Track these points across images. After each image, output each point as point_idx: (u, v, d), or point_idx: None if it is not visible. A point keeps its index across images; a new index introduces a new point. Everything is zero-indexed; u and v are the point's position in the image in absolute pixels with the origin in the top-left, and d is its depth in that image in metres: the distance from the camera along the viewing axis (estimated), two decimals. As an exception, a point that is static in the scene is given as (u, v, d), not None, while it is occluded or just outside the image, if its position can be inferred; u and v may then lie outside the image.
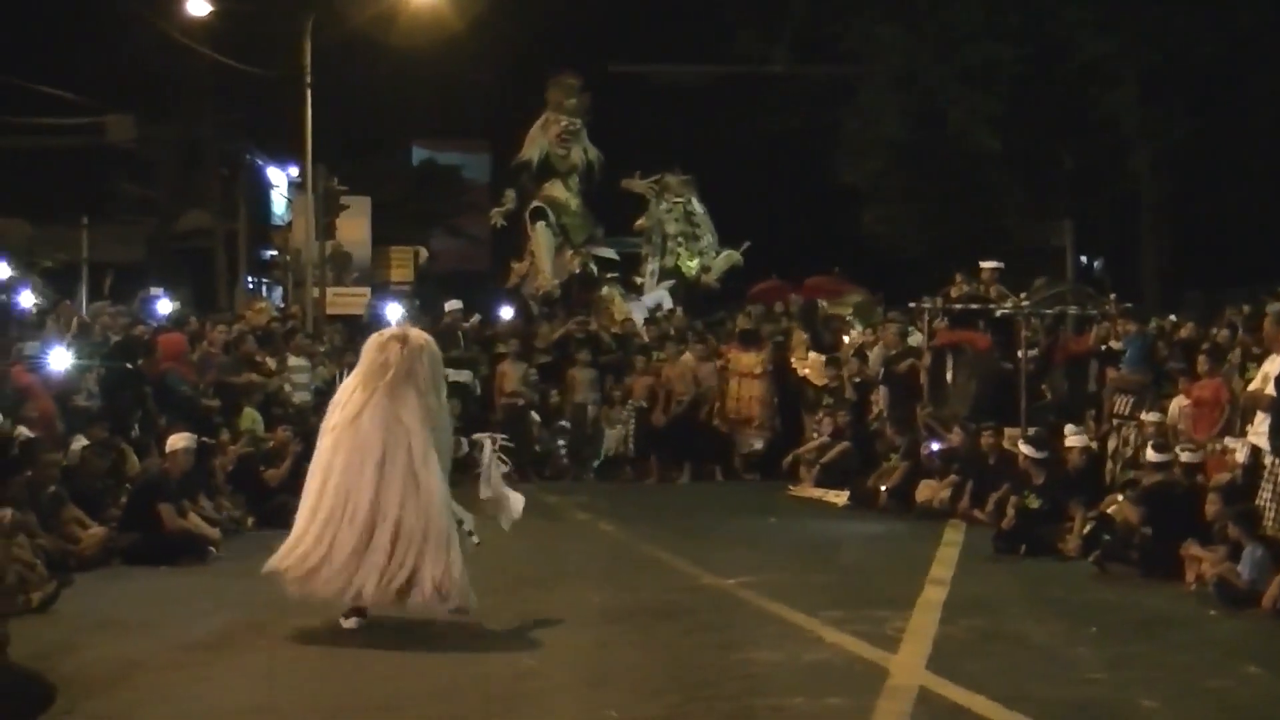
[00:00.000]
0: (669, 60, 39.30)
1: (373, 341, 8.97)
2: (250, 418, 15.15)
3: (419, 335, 9.10)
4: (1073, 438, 13.17)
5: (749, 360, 18.10)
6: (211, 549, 11.95)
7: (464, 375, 18.19)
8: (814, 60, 30.92)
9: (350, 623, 8.81)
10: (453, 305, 19.67)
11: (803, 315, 20.23)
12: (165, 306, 19.79)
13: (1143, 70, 24.03)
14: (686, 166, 25.43)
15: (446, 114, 41.25)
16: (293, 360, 16.73)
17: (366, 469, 8.50)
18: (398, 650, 8.41)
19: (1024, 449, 12.93)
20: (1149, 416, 13.39)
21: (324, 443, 8.79)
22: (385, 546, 8.41)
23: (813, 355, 18.26)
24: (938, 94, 25.36)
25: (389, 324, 23.92)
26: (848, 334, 19.55)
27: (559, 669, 8.03)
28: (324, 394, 16.86)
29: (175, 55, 27.72)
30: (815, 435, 17.30)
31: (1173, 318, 18.04)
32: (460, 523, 8.79)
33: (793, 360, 18.35)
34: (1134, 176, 25.47)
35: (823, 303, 21.16)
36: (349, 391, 8.85)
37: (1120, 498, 11.83)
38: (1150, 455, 11.77)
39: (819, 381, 17.90)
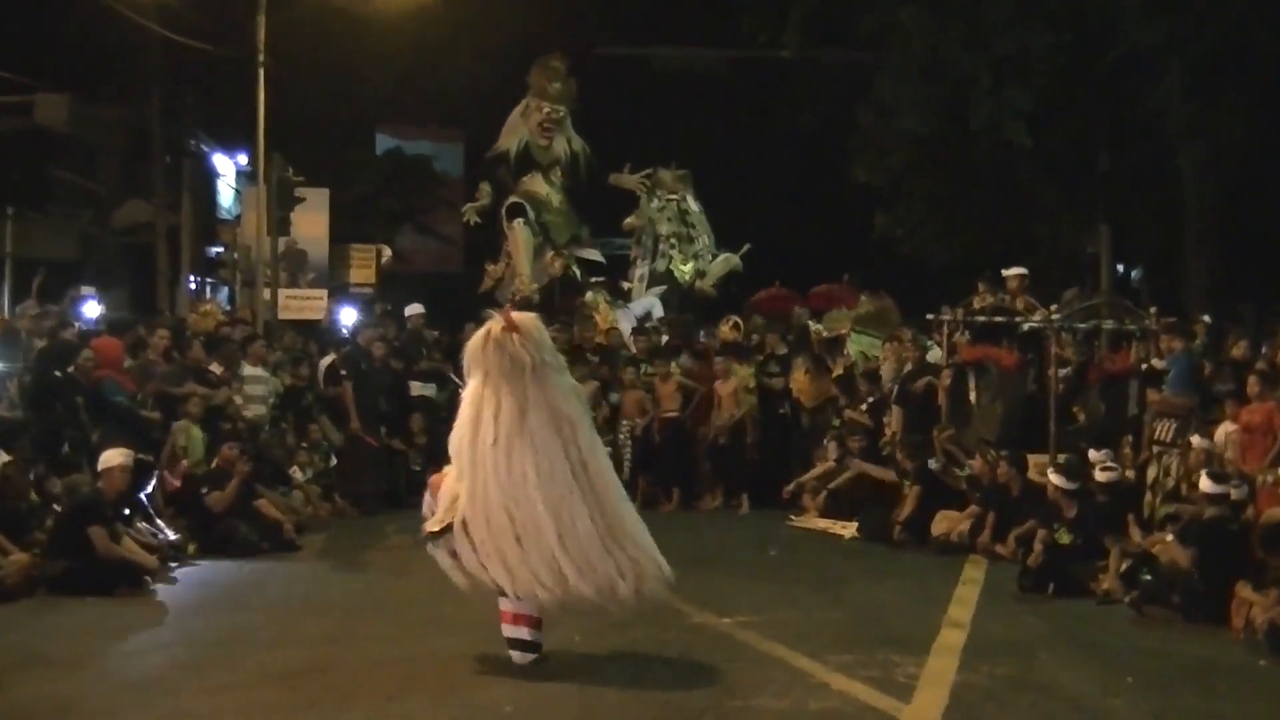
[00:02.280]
0: (664, 43, 39.37)
1: (481, 343, 8.95)
2: (186, 433, 15.10)
3: (524, 317, 9.19)
4: (1102, 469, 13.15)
5: (744, 374, 18.24)
6: (149, 578, 11.92)
7: (429, 389, 18.21)
8: (827, 46, 30.95)
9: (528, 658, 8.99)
10: (414, 310, 19.68)
11: (797, 339, 20.20)
12: (93, 309, 19.78)
13: (1191, 62, 24.06)
14: (682, 160, 25.43)
15: (416, 98, 41.28)
16: (249, 370, 16.66)
17: (558, 478, 8.66)
18: (359, 692, 8.42)
19: (1054, 479, 12.94)
20: (1197, 443, 13.39)
21: (484, 460, 8.74)
22: (616, 549, 8.72)
23: (799, 375, 18.38)
24: (964, 85, 25.35)
25: (343, 328, 24.16)
26: (844, 351, 19.56)
27: (541, 715, 8.05)
28: (279, 408, 16.95)
29: (118, 29, 27.69)
30: (820, 460, 17.37)
31: (1206, 317, 17.99)
32: None
33: (793, 384, 18.45)
34: (1179, 178, 25.50)
35: (816, 324, 21.17)
36: (490, 401, 8.82)
37: (1169, 537, 11.78)
38: (1205, 485, 11.59)
39: (809, 402, 18.02)
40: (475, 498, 8.72)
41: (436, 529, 8.84)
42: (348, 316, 28.16)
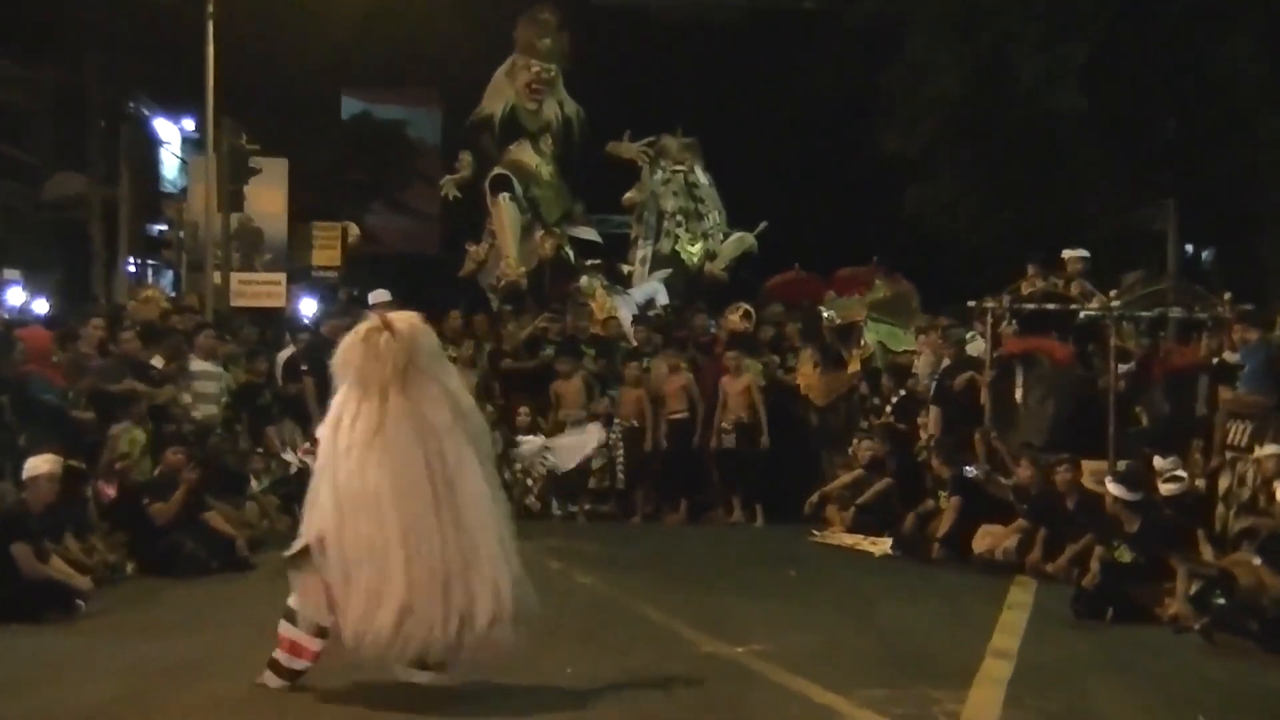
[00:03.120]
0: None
1: (351, 344, 9.03)
2: (131, 438, 15.07)
3: (405, 318, 9.22)
4: (1167, 480, 13.11)
5: (754, 370, 18.31)
6: (81, 602, 11.89)
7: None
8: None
9: (424, 676, 8.93)
10: (379, 296, 19.54)
11: (805, 328, 20.06)
12: (19, 296, 19.75)
13: (1269, 12, 24.06)
14: (689, 127, 25.43)
15: (387, 55, 41.20)
16: (197, 364, 16.64)
17: (414, 495, 8.67)
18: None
19: (1112, 488, 12.91)
20: (1266, 449, 13.34)
21: (339, 471, 8.82)
22: (440, 583, 8.62)
23: (806, 369, 18.41)
24: (1007, 41, 25.37)
25: (302, 320, 24.09)
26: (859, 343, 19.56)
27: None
28: (232, 407, 16.94)
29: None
30: (845, 467, 17.39)
31: None
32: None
33: (799, 380, 18.47)
34: (1255, 146, 25.50)
35: (830, 312, 21.09)
36: (349, 407, 8.92)
37: (1256, 560, 11.70)
38: (1285, 497, 11.70)
39: (820, 399, 18.04)
40: (329, 512, 8.79)
41: (294, 551, 8.95)
42: (306, 308, 28.14)
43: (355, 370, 8.94)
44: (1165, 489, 13.01)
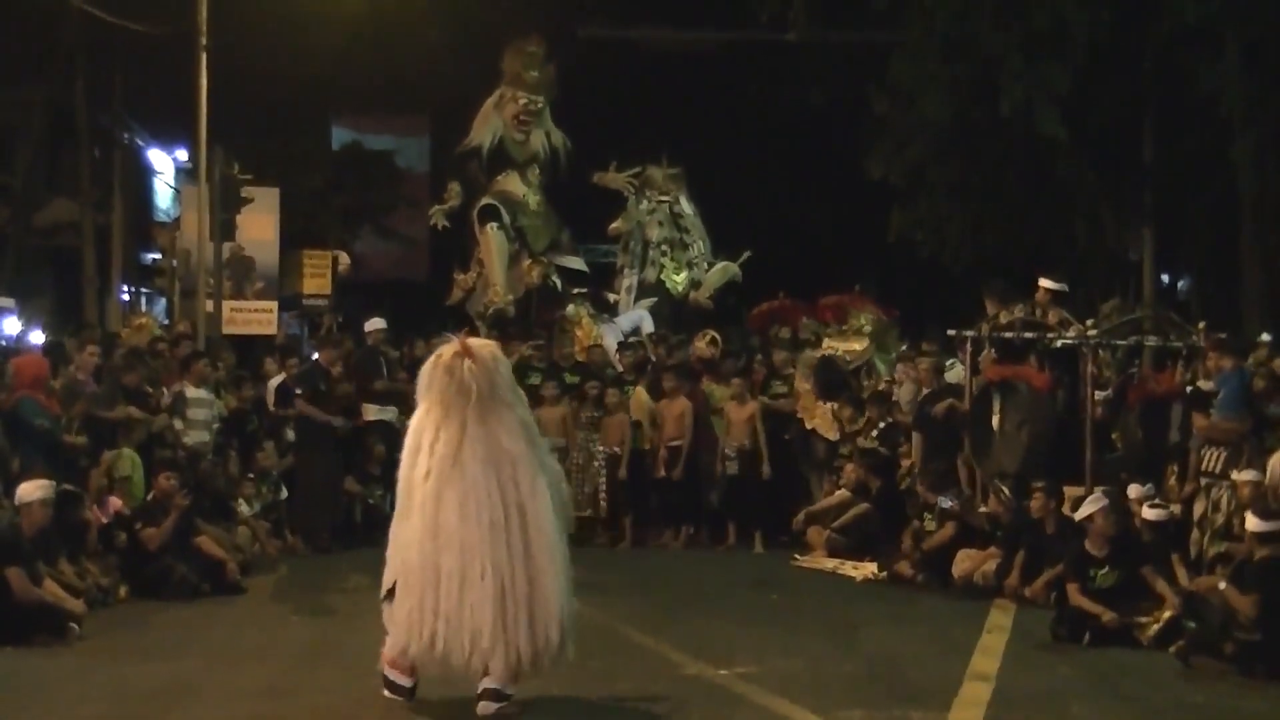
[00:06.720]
0: (654, 22, 39.41)
1: (433, 367, 9.21)
2: (130, 462, 15.09)
3: (482, 344, 9.47)
4: (1152, 506, 13.23)
5: (719, 396, 18.36)
6: (74, 624, 11.89)
7: (389, 413, 18.21)
8: (837, 25, 31.07)
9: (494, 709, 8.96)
10: (374, 324, 19.64)
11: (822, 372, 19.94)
12: (14, 325, 19.66)
13: (1249, 40, 24.08)
14: (674, 157, 25.46)
15: (376, 86, 41.32)
16: (191, 392, 16.63)
17: (483, 520, 8.81)
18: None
19: (1149, 514, 13.09)
20: (1243, 475, 13.40)
21: (416, 496, 9.01)
22: (513, 609, 8.79)
23: (819, 404, 18.38)
24: (992, 65, 25.37)
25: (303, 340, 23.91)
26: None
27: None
28: (224, 433, 16.93)
29: (37, 5, 27.63)
30: (825, 493, 17.43)
31: (1266, 335, 17.93)
32: None
33: (799, 411, 18.47)
34: (1234, 171, 25.52)
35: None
36: (429, 431, 9.07)
37: (1222, 584, 11.72)
38: (1253, 524, 11.59)
39: (833, 435, 18.02)
40: (408, 538, 8.96)
41: (386, 588, 9.10)
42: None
43: (437, 395, 9.09)
44: (1149, 514, 13.09)
